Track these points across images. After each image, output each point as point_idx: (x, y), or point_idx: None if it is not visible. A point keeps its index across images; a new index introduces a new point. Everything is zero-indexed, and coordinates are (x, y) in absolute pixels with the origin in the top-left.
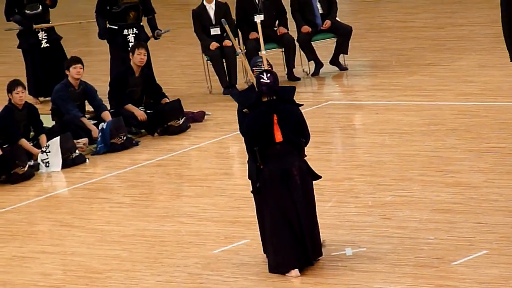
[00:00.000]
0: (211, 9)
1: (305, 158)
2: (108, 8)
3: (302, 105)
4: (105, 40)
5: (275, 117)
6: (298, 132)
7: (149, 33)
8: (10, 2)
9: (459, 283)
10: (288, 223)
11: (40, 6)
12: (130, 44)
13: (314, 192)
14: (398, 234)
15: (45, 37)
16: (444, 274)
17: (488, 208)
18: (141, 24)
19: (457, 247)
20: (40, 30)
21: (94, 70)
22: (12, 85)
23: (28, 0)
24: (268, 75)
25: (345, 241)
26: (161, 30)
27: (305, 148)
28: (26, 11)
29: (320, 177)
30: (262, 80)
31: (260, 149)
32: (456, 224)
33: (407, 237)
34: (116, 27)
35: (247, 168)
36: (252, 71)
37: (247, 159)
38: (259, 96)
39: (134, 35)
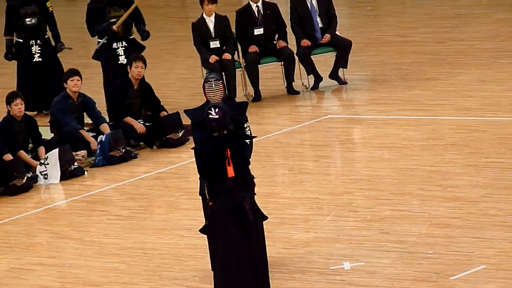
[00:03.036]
0: (210, 22)
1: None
2: (96, 22)
3: (254, 137)
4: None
5: (228, 152)
6: (247, 169)
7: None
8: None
9: None
10: (239, 261)
11: (36, 19)
12: (120, 58)
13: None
14: (396, 248)
15: (38, 51)
16: None
17: (486, 223)
18: (131, 37)
19: (456, 262)
20: (34, 43)
21: (94, 82)
22: (11, 97)
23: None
24: (217, 110)
25: (343, 255)
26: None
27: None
28: (25, 21)
29: (267, 217)
30: (210, 116)
31: (211, 184)
32: (455, 238)
33: (405, 252)
34: (105, 41)
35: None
36: (204, 86)
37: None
38: (210, 131)
39: (123, 48)
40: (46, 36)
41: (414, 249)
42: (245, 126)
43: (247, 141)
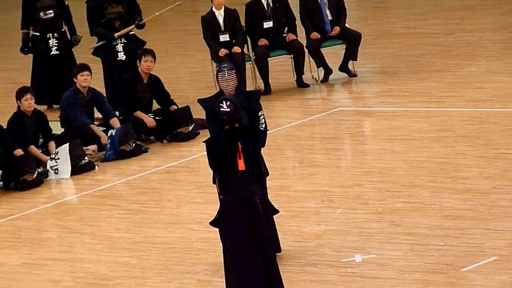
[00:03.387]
0: (220, 15)
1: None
2: (96, 19)
3: (267, 130)
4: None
5: (239, 145)
6: (258, 161)
7: (132, 26)
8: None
9: None
10: (250, 256)
11: (53, 12)
12: (119, 54)
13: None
14: (407, 240)
15: (56, 44)
16: (454, 280)
17: (497, 214)
18: (131, 33)
19: (467, 254)
20: (51, 36)
21: (101, 77)
22: (21, 92)
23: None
24: (228, 103)
25: (355, 248)
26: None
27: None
28: (42, 15)
29: (278, 211)
30: (222, 109)
31: (221, 177)
32: (466, 230)
33: (416, 244)
34: (103, 44)
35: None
36: (216, 76)
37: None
38: (221, 124)
39: (122, 44)
40: (62, 30)
41: (425, 241)
42: (260, 114)
43: (262, 129)
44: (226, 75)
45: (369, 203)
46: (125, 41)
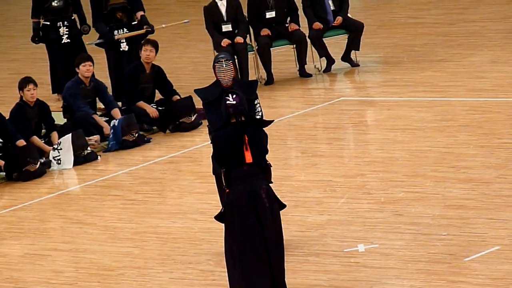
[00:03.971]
0: (222, 5)
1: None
2: (98, 10)
3: (271, 121)
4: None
5: (246, 138)
6: (265, 155)
7: (142, 30)
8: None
9: (472, 279)
10: (255, 250)
11: (62, 1)
12: (122, 45)
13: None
14: (410, 230)
15: (66, 32)
16: (457, 270)
17: (500, 204)
18: (133, 23)
19: (470, 243)
20: (61, 25)
21: (106, 67)
22: (24, 82)
23: None
24: (234, 96)
25: (358, 237)
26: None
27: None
28: (52, 4)
29: (285, 206)
30: (228, 102)
31: (227, 170)
32: (469, 220)
33: (419, 233)
34: (107, 28)
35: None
36: (214, 67)
37: (211, 155)
38: (227, 117)
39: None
40: (72, 18)
41: (428, 231)
42: (256, 103)
43: (258, 118)
44: (224, 65)
45: (371, 193)
46: (127, 32)
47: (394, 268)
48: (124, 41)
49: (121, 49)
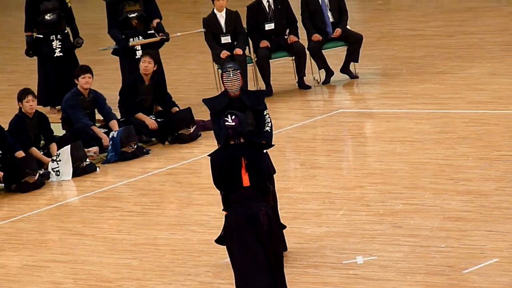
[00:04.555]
0: (221, 17)
1: (272, 204)
2: (114, 16)
3: (272, 145)
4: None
5: (244, 161)
6: (264, 177)
7: (157, 38)
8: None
9: None
10: (255, 271)
11: (56, 14)
12: (137, 52)
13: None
14: (409, 242)
15: (59, 46)
16: (456, 282)
17: (499, 216)
18: (149, 31)
19: (469, 255)
20: (54, 38)
21: (105, 78)
22: (22, 94)
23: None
24: (233, 117)
25: (356, 249)
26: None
27: (271, 191)
28: (45, 17)
29: (285, 227)
30: (227, 123)
31: (226, 193)
32: (467, 232)
33: (418, 245)
34: (123, 36)
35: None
36: (222, 76)
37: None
38: (226, 139)
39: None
40: (65, 31)
41: (427, 243)
42: (265, 114)
43: (267, 129)
44: (231, 75)
45: (370, 204)
46: (142, 39)
47: (392, 280)
48: (139, 48)
49: (136, 57)
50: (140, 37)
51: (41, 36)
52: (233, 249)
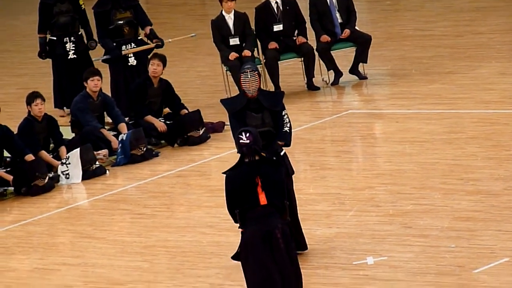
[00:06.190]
0: (230, 19)
1: (288, 220)
2: (104, 25)
3: (291, 132)
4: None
5: (259, 180)
6: (280, 194)
7: (152, 44)
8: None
9: None
10: (272, 286)
11: (70, 16)
12: (130, 60)
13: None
14: (419, 242)
15: (73, 48)
16: (466, 282)
17: (509, 215)
18: (140, 38)
19: (479, 255)
20: (68, 41)
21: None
22: (31, 97)
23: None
24: (247, 134)
25: (366, 250)
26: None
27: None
28: (59, 19)
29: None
30: (241, 141)
31: (241, 211)
32: (477, 232)
33: (428, 246)
34: (114, 44)
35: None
36: (239, 77)
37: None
38: (241, 157)
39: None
40: (79, 33)
41: (436, 243)
42: (283, 114)
43: (286, 129)
44: (249, 76)
45: (380, 205)
46: (134, 46)
47: (403, 280)
48: (132, 55)
49: (129, 64)
50: (132, 44)
51: (55, 38)
52: (248, 267)
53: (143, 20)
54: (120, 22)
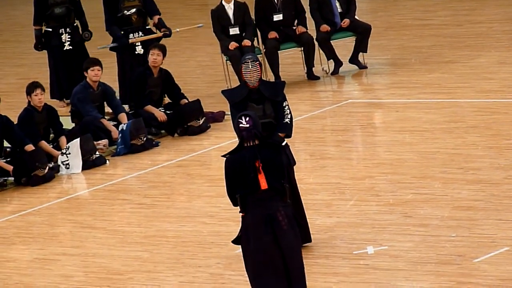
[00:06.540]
0: (230, 8)
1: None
2: (113, 12)
3: (291, 122)
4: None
5: (259, 164)
6: (281, 177)
7: (159, 34)
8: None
9: (481, 280)
10: (273, 273)
11: (65, 7)
12: (137, 48)
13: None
14: (419, 232)
15: (68, 39)
16: (466, 271)
17: (509, 204)
18: (148, 27)
19: (479, 244)
20: (63, 32)
21: (114, 71)
22: (31, 88)
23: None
24: (247, 118)
25: (367, 240)
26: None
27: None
28: (54, 10)
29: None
30: (241, 125)
31: (242, 195)
32: (478, 221)
33: (428, 235)
34: (122, 32)
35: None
36: (240, 67)
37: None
38: (241, 141)
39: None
40: (74, 24)
41: (437, 232)
42: (284, 105)
43: (287, 120)
44: (250, 66)
45: (380, 194)
46: (142, 35)
47: (403, 270)
48: (139, 44)
49: (136, 52)
50: (140, 33)
51: (50, 29)
52: (248, 251)
53: (151, 9)
54: (128, 10)
